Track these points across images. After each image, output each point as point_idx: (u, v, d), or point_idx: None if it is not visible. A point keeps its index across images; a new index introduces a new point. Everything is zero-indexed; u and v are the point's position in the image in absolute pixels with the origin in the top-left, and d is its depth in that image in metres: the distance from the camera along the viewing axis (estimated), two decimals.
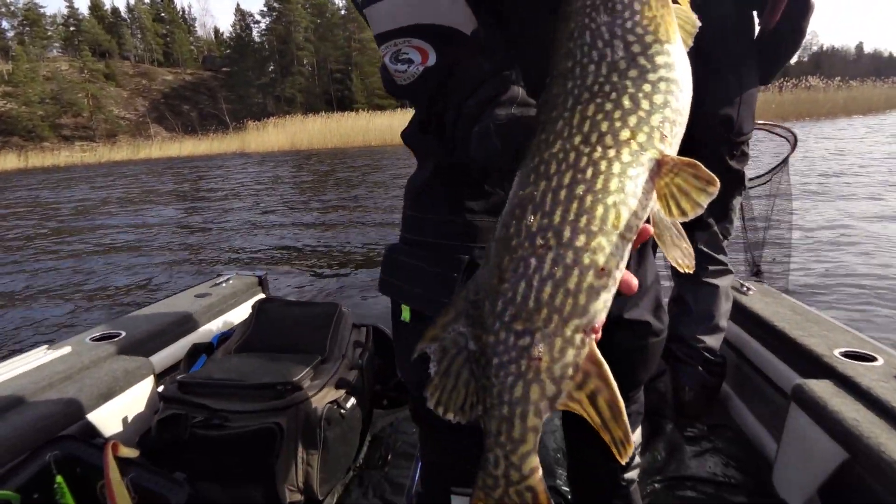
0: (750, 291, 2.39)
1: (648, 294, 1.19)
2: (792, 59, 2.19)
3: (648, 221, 0.60)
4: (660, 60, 0.64)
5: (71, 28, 65.65)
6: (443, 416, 0.60)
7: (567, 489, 1.85)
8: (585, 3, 0.68)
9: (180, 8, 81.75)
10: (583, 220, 0.58)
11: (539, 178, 0.62)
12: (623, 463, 0.63)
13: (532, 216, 0.61)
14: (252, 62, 65.26)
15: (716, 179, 0.58)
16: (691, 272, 0.60)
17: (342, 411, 1.85)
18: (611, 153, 0.59)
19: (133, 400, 1.87)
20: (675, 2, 0.68)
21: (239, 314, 2.58)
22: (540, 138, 0.66)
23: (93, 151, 42.38)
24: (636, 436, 1.34)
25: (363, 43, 66.17)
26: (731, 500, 1.86)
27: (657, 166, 0.60)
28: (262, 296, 2.78)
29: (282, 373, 1.81)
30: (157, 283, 5.59)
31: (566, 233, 0.59)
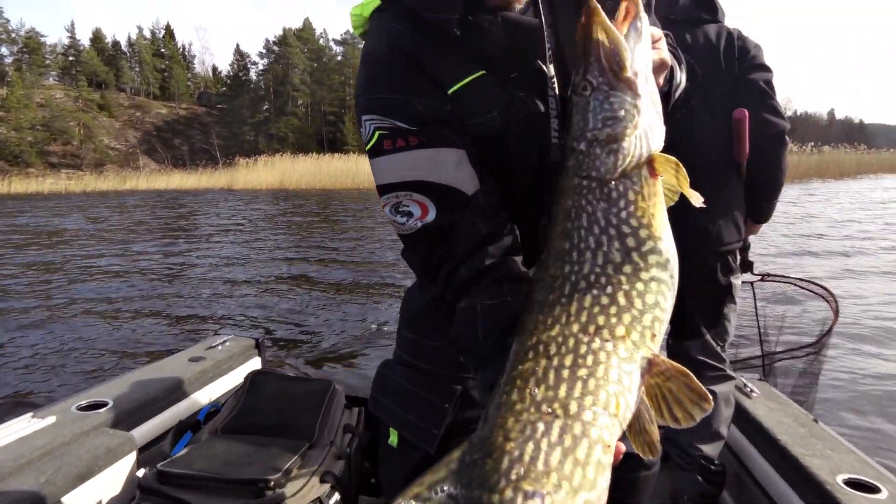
0: (754, 394, 2.31)
1: None
2: (776, 199, 2.21)
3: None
4: (652, 260, 0.72)
5: (70, 58, 66.17)
6: None
7: None
8: (581, 184, 0.75)
9: (181, 45, 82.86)
10: (588, 400, 0.65)
11: (539, 356, 0.68)
12: None
13: (536, 387, 0.66)
14: (247, 100, 66.00)
15: (709, 396, 0.64)
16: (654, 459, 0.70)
17: None
18: (609, 346, 0.67)
19: (112, 480, 1.82)
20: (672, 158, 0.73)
21: (232, 380, 2.56)
22: (537, 318, 0.72)
23: (78, 180, 42.06)
24: None
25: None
26: None
27: (648, 365, 0.68)
28: (258, 359, 2.76)
29: (266, 463, 1.76)
30: (151, 337, 5.40)
31: (572, 406, 0.64)
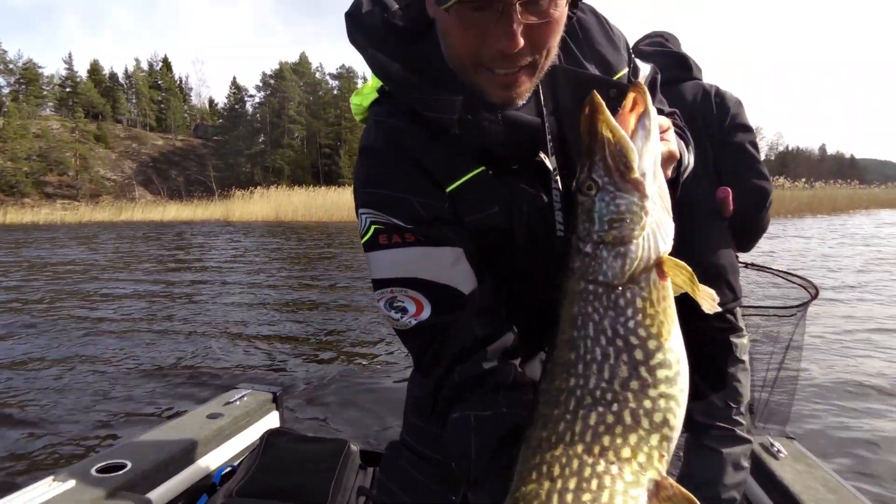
0: (781, 455, 2.21)
1: None
2: (758, 239, 2.22)
3: None
4: (661, 374, 0.68)
5: (67, 89, 66.83)
6: None
7: None
8: (588, 289, 0.71)
9: (178, 77, 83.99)
10: None
11: (542, 478, 0.66)
12: None
13: None
14: (244, 132, 66.59)
15: None
16: None
17: None
18: (613, 469, 0.65)
19: None
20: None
21: (249, 436, 2.55)
22: (541, 435, 0.69)
23: (74, 210, 42.10)
24: None
25: (354, 122, 68.19)
26: None
27: (656, 488, 0.65)
28: (276, 414, 2.74)
29: None
30: (168, 387, 5.17)
31: None
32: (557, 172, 0.92)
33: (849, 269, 10.97)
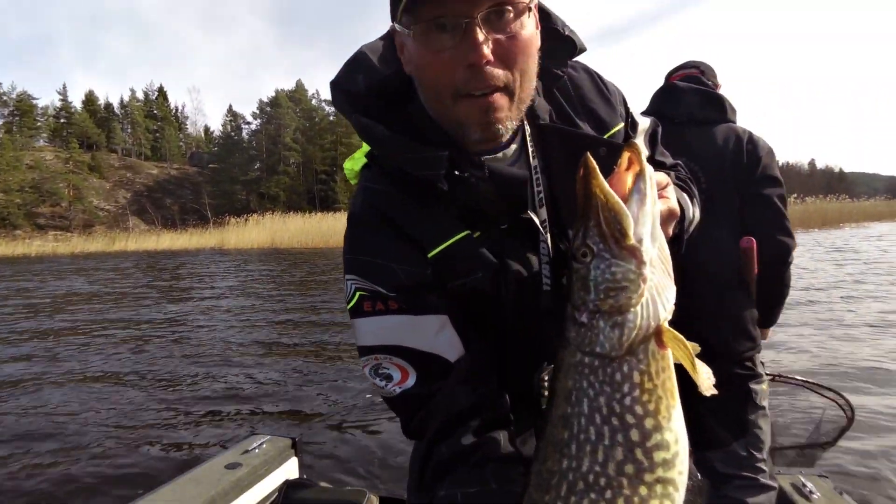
0: (814, 496, 2.13)
1: None
2: (782, 306, 2.18)
3: None
4: (658, 457, 0.65)
5: (61, 120, 67.12)
6: None
7: None
8: (584, 362, 0.68)
9: (174, 106, 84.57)
10: None
11: None
12: None
13: None
14: (239, 159, 66.83)
15: None
16: None
17: None
18: None
19: None
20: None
21: (269, 485, 2.51)
22: None
23: (66, 241, 41.92)
24: None
25: (349, 147, 68.70)
26: None
27: None
28: (295, 461, 2.70)
29: None
30: (184, 434, 4.96)
31: None
32: (547, 228, 0.91)
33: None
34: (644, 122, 1.09)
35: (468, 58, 0.77)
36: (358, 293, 0.89)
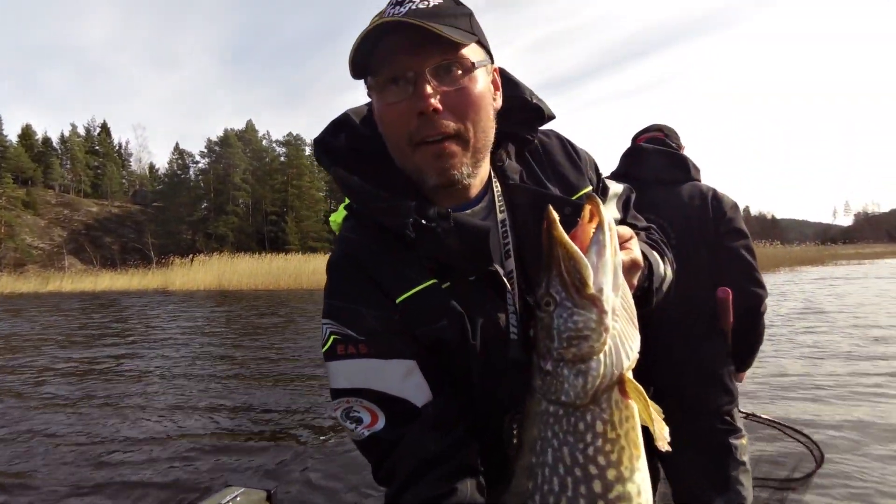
0: None
1: None
2: (756, 353, 2.21)
3: None
4: None
5: None
6: None
7: None
8: (548, 411, 0.70)
9: (117, 142, 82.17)
10: None
11: None
12: None
13: None
14: (186, 199, 65.21)
15: None
16: None
17: None
18: None
19: None
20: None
21: None
22: None
23: None
24: None
25: (300, 189, 68.27)
26: None
27: None
28: None
29: None
30: (147, 491, 4.52)
31: None
32: (514, 281, 0.95)
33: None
34: (616, 188, 1.16)
35: (418, 106, 0.85)
36: (332, 336, 0.91)
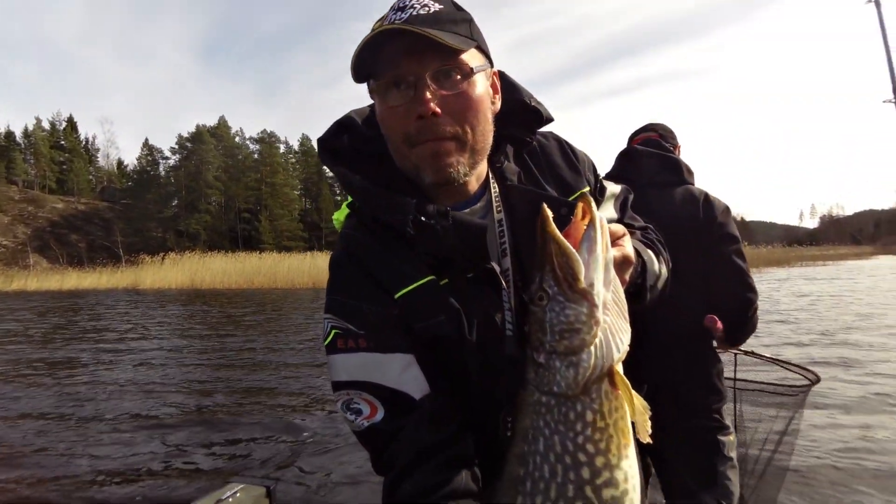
0: None
1: None
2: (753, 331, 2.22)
3: None
4: (606, 494, 0.68)
5: None
6: None
7: None
8: (541, 401, 0.73)
9: (84, 137, 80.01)
10: None
11: None
12: None
13: None
14: (156, 196, 63.94)
15: None
16: None
17: None
18: None
19: None
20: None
21: None
22: None
23: None
24: None
25: (274, 187, 67.48)
26: None
27: None
28: None
29: None
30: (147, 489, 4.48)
31: None
32: (510, 279, 0.97)
33: None
34: (614, 188, 1.19)
35: (418, 110, 0.88)
36: (333, 331, 0.94)
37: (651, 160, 2.23)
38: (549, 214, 0.76)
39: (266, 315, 16.43)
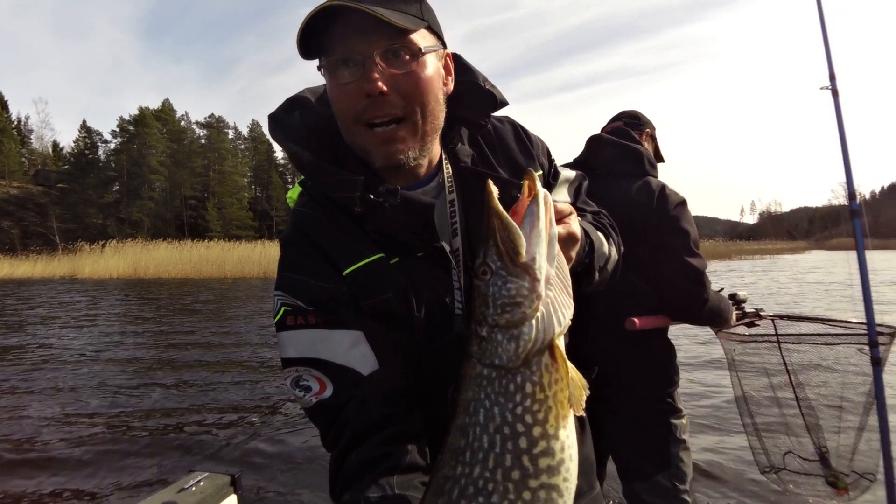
0: None
1: None
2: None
3: None
4: (543, 463, 0.70)
5: None
6: None
7: None
8: (482, 374, 0.74)
9: (15, 118, 75.27)
10: None
11: None
12: None
13: None
14: (95, 181, 60.96)
15: None
16: None
17: None
18: None
19: None
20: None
21: None
22: None
23: None
24: None
25: (222, 174, 65.50)
26: None
27: None
28: (234, 498, 2.52)
29: None
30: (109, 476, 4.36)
31: None
32: (461, 259, 0.99)
33: None
34: (568, 174, 1.21)
35: (365, 89, 0.88)
36: (283, 308, 0.95)
37: (612, 149, 2.25)
38: (494, 190, 0.77)
39: (217, 304, 16.03)
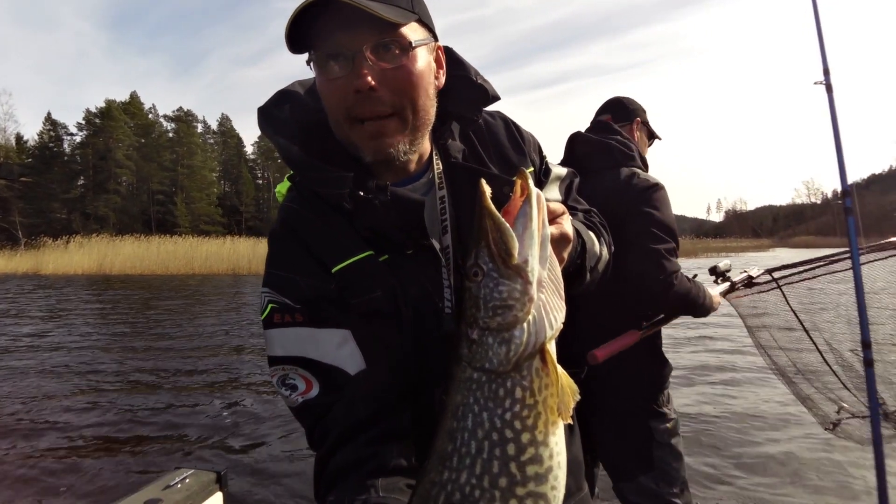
0: None
1: None
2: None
3: None
4: (530, 471, 0.68)
5: None
6: None
7: None
8: (472, 377, 0.72)
9: None
10: None
11: None
12: None
13: None
14: (59, 175, 59.06)
15: None
16: None
17: None
18: None
19: None
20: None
21: None
22: None
23: None
24: None
25: (192, 169, 64.21)
26: None
27: None
28: (220, 496, 2.50)
29: None
30: (94, 474, 4.28)
31: None
32: (451, 256, 0.97)
33: None
34: (560, 171, 1.19)
35: (355, 84, 0.86)
36: (270, 305, 0.93)
37: (584, 147, 2.24)
38: (487, 190, 0.75)
39: (186, 301, 15.75)
